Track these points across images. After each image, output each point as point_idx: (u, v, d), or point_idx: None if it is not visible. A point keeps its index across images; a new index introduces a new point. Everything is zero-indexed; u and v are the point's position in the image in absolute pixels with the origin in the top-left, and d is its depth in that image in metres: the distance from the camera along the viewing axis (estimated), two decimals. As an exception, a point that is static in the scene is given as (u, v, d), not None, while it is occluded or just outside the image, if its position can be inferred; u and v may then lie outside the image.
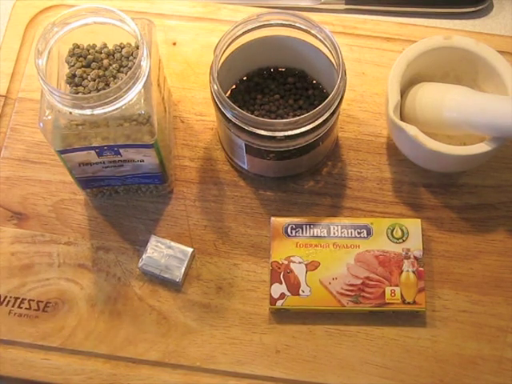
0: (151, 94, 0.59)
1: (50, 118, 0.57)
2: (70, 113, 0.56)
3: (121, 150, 0.61)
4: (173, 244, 0.66)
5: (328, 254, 0.65)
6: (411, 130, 0.62)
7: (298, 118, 0.60)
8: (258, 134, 0.60)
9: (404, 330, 0.65)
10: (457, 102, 0.63)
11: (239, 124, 0.60)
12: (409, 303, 0.64)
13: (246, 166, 0.68)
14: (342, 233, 0.66)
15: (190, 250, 0.66)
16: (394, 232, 0.66)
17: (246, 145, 0.63)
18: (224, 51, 0.63)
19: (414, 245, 0.65)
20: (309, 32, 0.63)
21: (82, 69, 0.59)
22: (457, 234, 0.68)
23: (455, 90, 0.65)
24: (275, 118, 0.67)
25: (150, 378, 0.64)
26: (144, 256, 0.66)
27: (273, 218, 0.67)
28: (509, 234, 0.68)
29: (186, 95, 0.73)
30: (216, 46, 0.62)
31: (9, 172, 0.71)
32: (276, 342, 0.65)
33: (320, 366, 0.64)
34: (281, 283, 0.64)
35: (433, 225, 0.68)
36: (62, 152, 0.60)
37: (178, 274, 0.65)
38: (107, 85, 0.59)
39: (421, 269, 0.64)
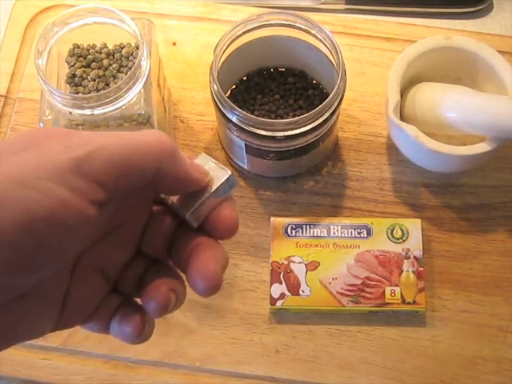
0: (151, 94, 0.59)
1: (49, 118, 0.57)
2: (70, 113, 0.56)
3: (121, 150, 0.60)
4: None
5: (328, 254, 0.65)
6: (411, 130, 0.62)
7: (297, 118, 0.60)
8: (258, 134, 0.60)
9: (404, 330, 0.65)
10: (457, 102, 0.63)
11: (239, 124, 0.60)
12: (409, 303, 0.64)
13: (246, 166, 0.68)
14: (341, 233, 0.66)
15: None
16: (394, 232, 0.66)
17: (246, 145, 0.63)
18: (224, 51, 0.63)
19: (414, 245, 0.65)
20: (309, 32, 0.63)
21: (82, 69, 0.59)
22: (457, 234, 0.68)
23: (455, 89, 0.65)
24: (275, 118, 0.67)
25: (150, 377, 0.64)
26: None
27: (273, 218, 0.67)
28: (509, 234, 0.68)
29: (186, 95, 0.73)
30: (216, 46, 0.62)
31: (9, 172, 0.71)
32: (276, 342, 0.64)
33: (320, 366, 0.64)
34: (281, 283, 0.64)
35: (433, 225, 0.68)
36: (61, 152, 0.60)
37: None
38: (107, 85, 0.59)
39: (421, 269, 0.64)
